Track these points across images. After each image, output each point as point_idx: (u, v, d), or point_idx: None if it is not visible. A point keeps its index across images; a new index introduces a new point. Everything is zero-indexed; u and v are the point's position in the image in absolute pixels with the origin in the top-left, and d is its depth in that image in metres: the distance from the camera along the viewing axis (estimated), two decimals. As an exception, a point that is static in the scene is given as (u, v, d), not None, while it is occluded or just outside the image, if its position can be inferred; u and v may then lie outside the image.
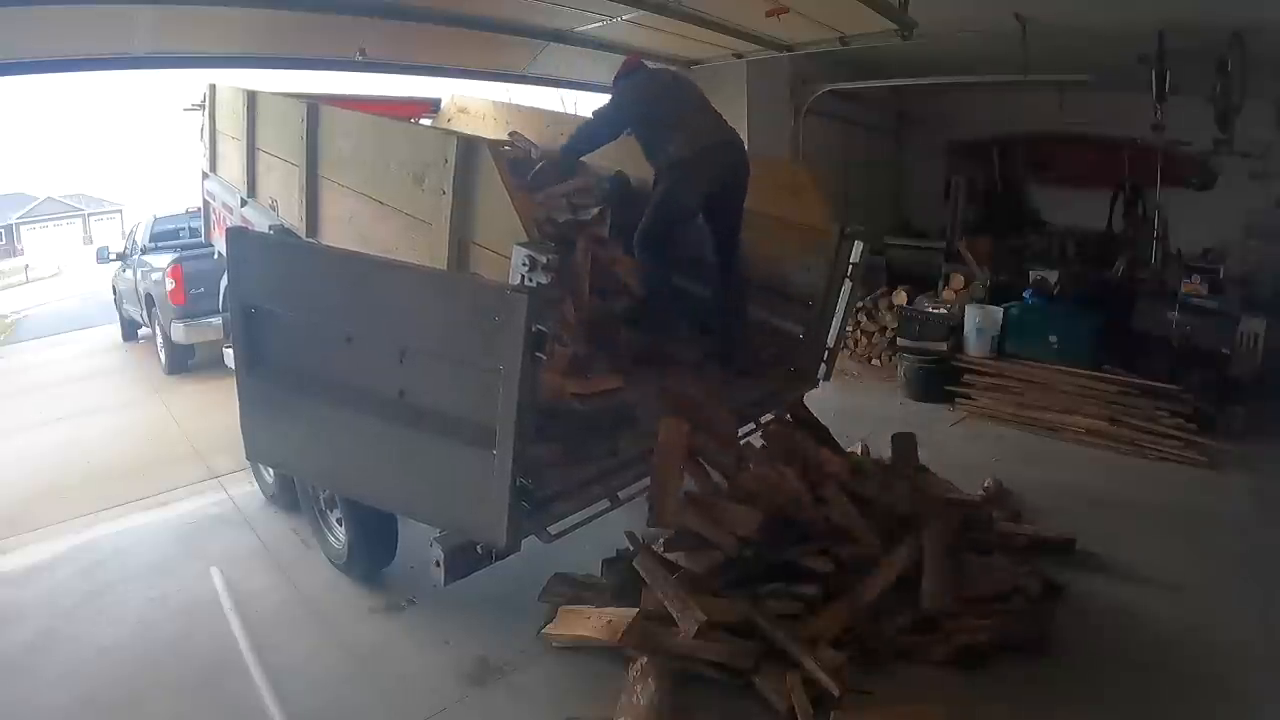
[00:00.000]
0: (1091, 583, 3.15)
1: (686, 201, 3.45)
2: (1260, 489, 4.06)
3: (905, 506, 3.20)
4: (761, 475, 3.05)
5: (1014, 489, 3.94)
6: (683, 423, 2.90)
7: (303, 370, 2.61)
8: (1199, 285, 5.25)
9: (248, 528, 3.97)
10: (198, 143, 5.26)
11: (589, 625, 2.76)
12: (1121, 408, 4.73)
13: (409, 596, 3.23)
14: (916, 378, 5.65)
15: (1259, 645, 2.78)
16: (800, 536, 2.94)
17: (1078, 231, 6.78)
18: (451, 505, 2.39)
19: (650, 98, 3.58)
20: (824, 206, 3.56)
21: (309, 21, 4.06)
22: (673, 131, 3.44)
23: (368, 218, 3.33)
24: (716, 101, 3.71)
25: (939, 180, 7.31)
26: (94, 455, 5.22)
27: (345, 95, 5.17)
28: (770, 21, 4.54)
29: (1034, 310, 5.45)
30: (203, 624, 3.14)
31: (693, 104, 3.60)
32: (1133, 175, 6.10)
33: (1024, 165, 7.29)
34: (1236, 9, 4.13)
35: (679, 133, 3.43)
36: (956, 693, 2.55)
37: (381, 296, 2.40)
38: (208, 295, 6.12)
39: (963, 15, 4.61)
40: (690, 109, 3.57)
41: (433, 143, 3.18)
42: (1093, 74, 5.01)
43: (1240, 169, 5.62)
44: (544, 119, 4.94)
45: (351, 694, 2.71)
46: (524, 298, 2.08)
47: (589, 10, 4.45)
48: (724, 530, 2.80)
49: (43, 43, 3.73)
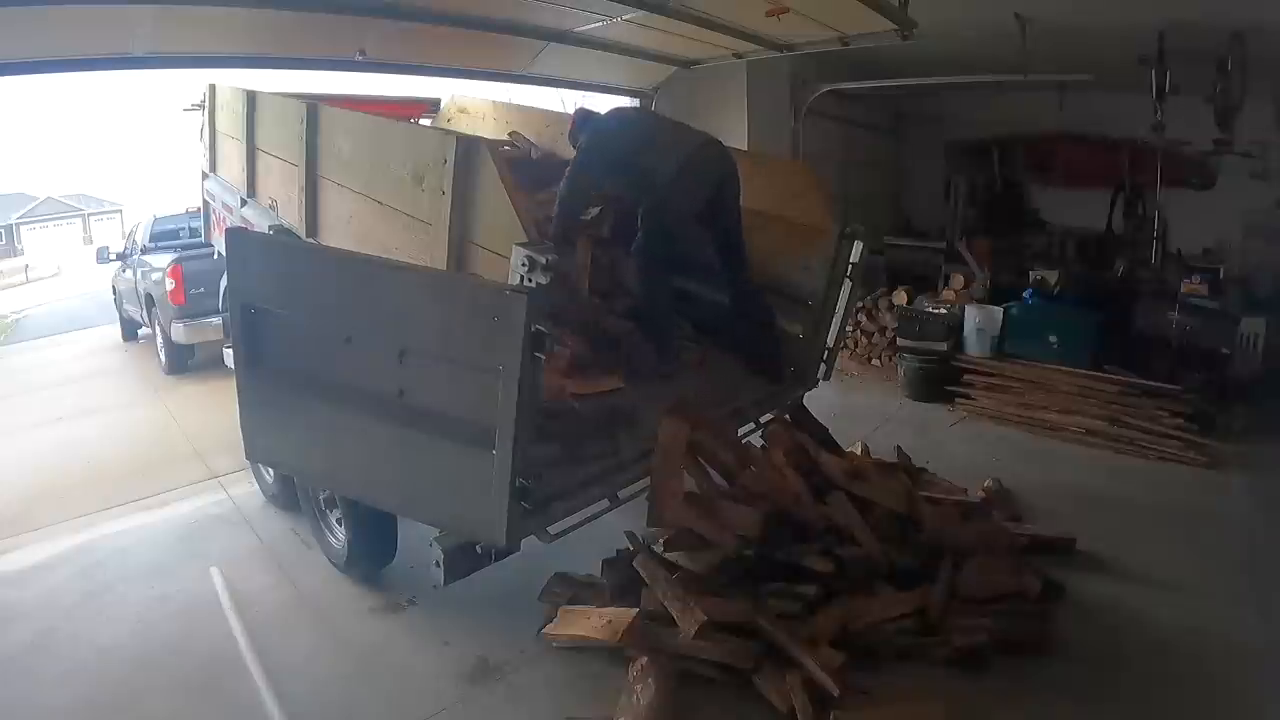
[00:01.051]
0: (1091, 583, 3.15)
1: (682, 213, 3.37)
2: (1260, 489, 4.06)
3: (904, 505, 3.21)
4: (762, 475, 3.05)
5: (1014, 489, 3.94)
6: (683, 422, 2.90)
7: (303, 370, 2.61)
8: (1199, 285, 5.26)
9: (248, 528, 3.97)
10: (198, 143, 5.27)
11: (589, 625, 2.75)
12: (1121, 408, 4.73)
13: (409, 596, 3.23)
14: (916, 378, 5.65)
15: (1259, 645, 2.78)
16: (800, 536, 2.94)
17: (1078, 231, 6.79)
18: (451, 505, 2.39)
19: (612, 138, 3.48)
20: (824, 206, 3.56)
21: (309, 21, 4.06)
22: (648, 159, 3.35)
23: (367, 218, 3.33)
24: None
25: (939, 180, 7.32)
26: (94, 455, 5.21)
27: (345, 95, 5.16)
28: (770, 21, 4.54)
29: (1034, 310, 5.45)
30: (202, 624, 3.14)
31: (654, 126, 3.53)
32: (1133, 175, 6.10)
33: (1024, 165, 7.29)
34: (1236, 9, 4.13)
35: (654, 157, 3.34)
36: (956, 693, 2.55)
37: (381, 297, 2.40)
38: (208, 295, 6.12)
39: (963, 15, 4.61)
40: (655, 131, 3.51)
41: (432, 143, 3.18)
42: (1093, 74, 5.01)
43: (1240, 169, 5.63)
44: (544, 119, 4.94)
45: (351, 694, 2.71)
46: (523, 298, 2.08)
47: (589, 10, 4.44)
48: (724, 530, 2.80)
49: (43, 43, 3.73)
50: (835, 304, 3.61)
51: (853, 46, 5.02)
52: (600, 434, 2.88)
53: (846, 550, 2.92)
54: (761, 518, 2.82)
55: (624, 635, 2.61)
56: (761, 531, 2.81)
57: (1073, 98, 6.04)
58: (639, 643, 2.60)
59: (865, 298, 6.17)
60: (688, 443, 2.90)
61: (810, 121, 6.55)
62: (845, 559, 2.88)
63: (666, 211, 3.35)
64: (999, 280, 6.00)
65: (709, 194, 3.39)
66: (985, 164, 7.26)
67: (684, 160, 3.33)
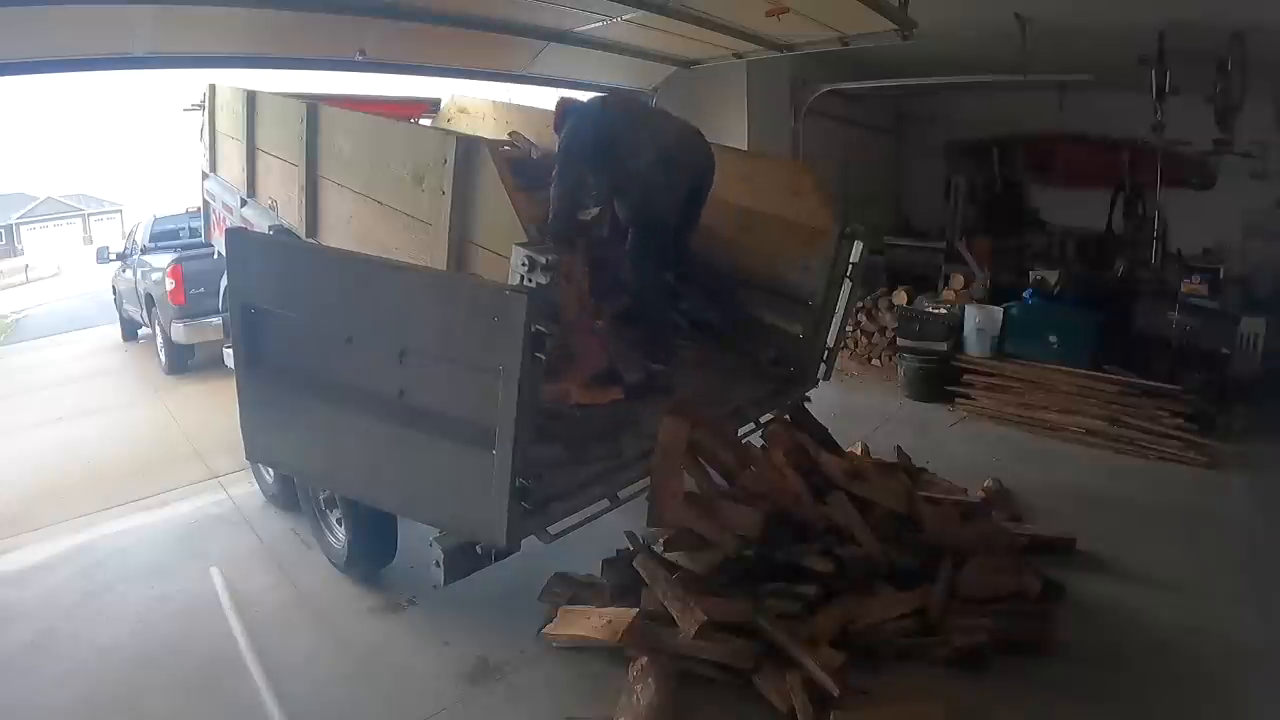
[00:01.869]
0: (1091, 583, 3.15)
1: (663, 205, 3.31)
2: (1260, 489, 4.06)
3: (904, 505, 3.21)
4: (762, 475, 3.05)
5: (1014, 489, 3.94)
6: (683, 422, 2.90)
7: (303, 370, 2.62)
8: (1199, 285, 5.26)
9: (248, 528, 3.97)
10: (198, 143, 5.27)
11: (589, 625, 2.75)
12: (1121, 408, 4.73)
13: (409, 596, 3.23)
14: (916, 378, 5.65)
15: (1258, 645, 2.78)
16: (800, 536, 2.94)
17: (1078, 231, 6.79)
18: (451, 505, 2.40)
19: (593, 125, 3.37)
20: (824, 206, 3.56)
21: (309, 21, 4.06)
22: (625, 146, 3.29)
23: (367, 218, 3.33)
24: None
25: (939, 180, 7.31)
26: (94, 455, 5.21)
27: (345, 95, 5.17)
28: (770, 21, 4.53)
29: (1034, 310, 5.45)
30: (202, 624, 3.14)
31: (635, 114, 3.46)
32: (1133, 175, 6.10)
33: (1024, 165, 7.29)
34: (1236, 9, 4.13)
35: (631, 145, 3.28)
36: (956, 693, 2.55)
37: (381, 297, 2.41)
38: (208, 295, 6.12)
39: (963, 15, 4.60)
40: (635, 118, 3.44)
41: (432, 143, 3.18)
42: (1093, 74, 5.00)
43: (1240, 169, 5.62)
44: (544, 119, 4.91)
45: (351, 694, 2.71)
46: (523, 298, 2.08)
47: (589, 10, 4.45)
48: (725, 530, 2.80)
49: (43, 43, 3.73)
50: (835, 304, 3.61)
51: (853, 46, 5.02)
52: (603, 436, 2.88)
53: (846, 550, 2.92)
54: (761, 518, 2.82)
55: (624, 635, 2.61)
56: (761, 531, 2.81)
57: (1073, 98, 6.04)
58: (639, 643, 2.60)
59: (865, 298, 6.17)
60: (687, 442, 2.90)
61: (810, 121, 6.55)
62: (845, 559, 2.88)
63: (646, 205, 3.30)
64: (999, 280, 6.00)
65: (690, 183, 3.34)
66: (985, 164, 7.26)
67: (662, 149, 3.27)
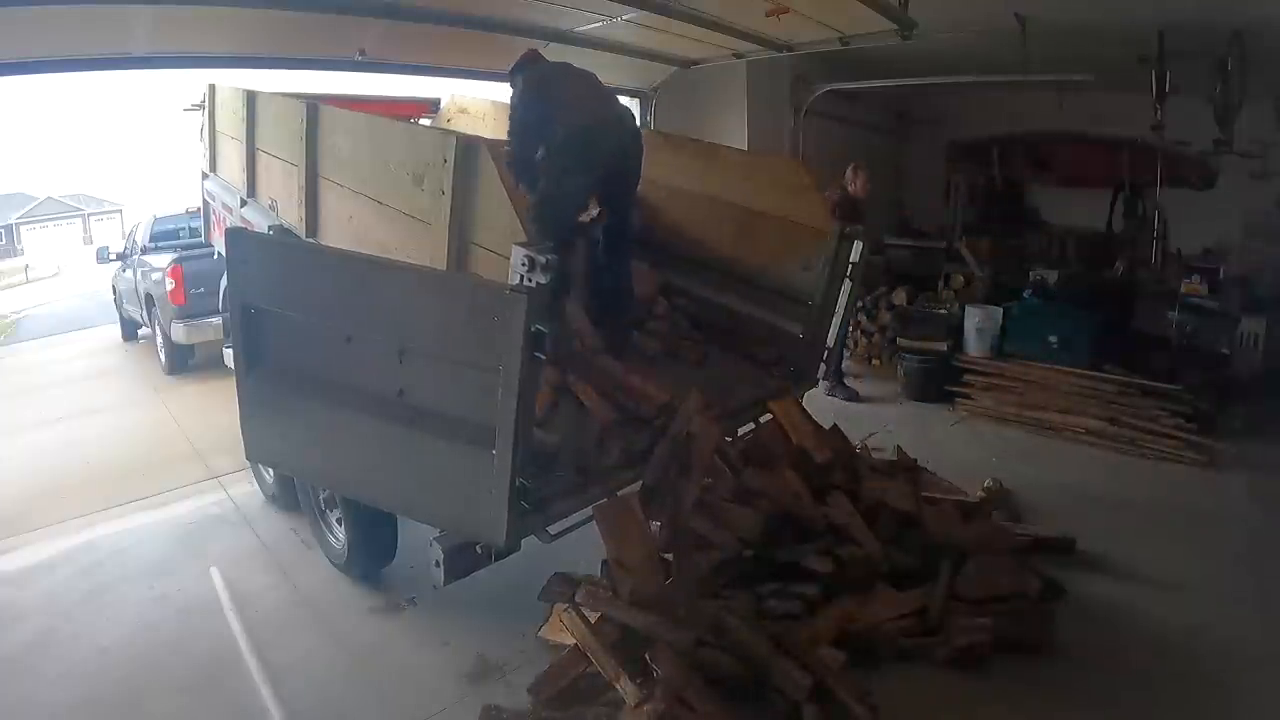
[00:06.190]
0: (1091, 583, 3.15)
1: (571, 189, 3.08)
2: (1260, 489, 4.06)
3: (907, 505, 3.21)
4: (762, 475, 3.05)
5: (1014, 489, 3.94)
6: (715, 426, 2.86)
7: (303, 370, 2.61)
8: (1199, 285, 5.25)
9: (248, 528, 3.97)
10: (198, 143, 5.27)
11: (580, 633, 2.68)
12: (1121, 408, 4.73)
13: (409, 596, 3.23)
14: (916, 378, 5.64)
15: (1258, 644, 2.78)
16: (800, 536, 2.94)
17: (1078, 231, 6.78)
18: (451, 505, 2.40)
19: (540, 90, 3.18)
20: (824, 206, 3.56)
21: (309, 21, 4.06)
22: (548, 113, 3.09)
23: (367, 218, 3.33)
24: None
25: (939, 180, 7.31)
26: (94, 455, 5.22)
27: (345, 95, 5.17)
28: (770, 21, 4.54)
29: (1034, 310, 5.44)
30: (202, 624, 3.14)
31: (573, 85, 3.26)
32: (1133, 175, 6.09)
33: (1024, 165, 7.28)
34: (1236, 9, 4.13)
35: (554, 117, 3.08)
36: (957, 693, 2.55)
37: (381, 297, 2.41)
38: (208, 295, 6.11)
39: (963, 15, 4.60)
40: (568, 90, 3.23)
41: (432, 143, 3.18)
42: (1093, 74, 5.00)
43: (1240, 169, 5.61)
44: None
45: (351, 693, 2.71)
46: (523, 298, 2.08)
47: (589, 10, 4.45)
48: (725, 531, 2.79)
49: (43, 43, 3.73)
50: (835, 304, 3.61)
51: (853, 46, 5.02)
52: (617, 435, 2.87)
53: (846, 550, 2.92)
54: (762, 518, 2.82)
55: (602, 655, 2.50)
56: (761, 532, 2.81)
57: (1073, 98, 6.02)
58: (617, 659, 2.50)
59: (865, 298, 6.17)
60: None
61: (810, 121, 6.56)
62: (845, 559, 2.88)
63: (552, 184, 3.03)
64: (999, 280, 6.00)
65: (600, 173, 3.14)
66: (985, 164, 7.26)
67: (576, 130, 3.06)
